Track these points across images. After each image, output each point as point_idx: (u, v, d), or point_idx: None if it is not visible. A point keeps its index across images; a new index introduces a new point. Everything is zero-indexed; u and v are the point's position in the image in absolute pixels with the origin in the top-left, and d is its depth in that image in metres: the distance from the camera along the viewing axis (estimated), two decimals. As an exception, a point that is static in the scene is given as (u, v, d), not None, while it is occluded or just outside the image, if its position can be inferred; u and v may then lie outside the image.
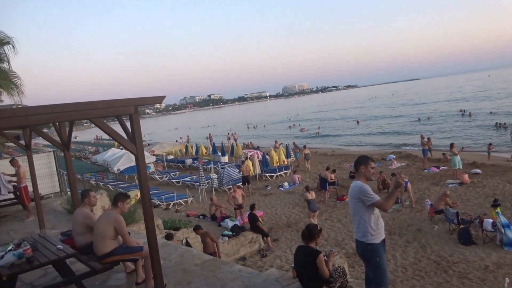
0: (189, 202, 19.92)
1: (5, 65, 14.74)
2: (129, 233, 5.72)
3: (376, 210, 4.33)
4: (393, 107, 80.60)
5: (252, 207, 13.44)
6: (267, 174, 24.05)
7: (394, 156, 24.78)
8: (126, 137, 5.38)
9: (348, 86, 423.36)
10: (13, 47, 14.46)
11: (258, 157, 24.53)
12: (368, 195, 4.20)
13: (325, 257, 5.05)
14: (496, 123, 36.39)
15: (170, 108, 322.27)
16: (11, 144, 26.79)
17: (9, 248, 4.95)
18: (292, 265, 5.45)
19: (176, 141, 48.75)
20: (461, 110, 50.59)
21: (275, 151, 25.66)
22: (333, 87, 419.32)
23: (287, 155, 25.22)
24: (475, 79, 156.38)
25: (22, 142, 9.20)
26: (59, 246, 5.31)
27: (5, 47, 14.37)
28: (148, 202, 5.33)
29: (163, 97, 5.65)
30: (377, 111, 74.31)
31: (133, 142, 5.25)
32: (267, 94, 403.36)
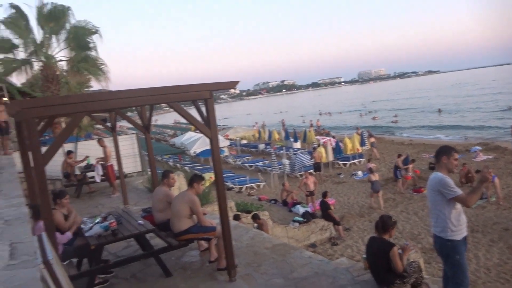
0: (261, 186, 20.20)
1: (93, 53, 15.90)
2: (205, 214, 5.94)
3: (458, 205, 4.03)
4: (479, 95, 74.46)
5: (324, 195, 13.29)
6: (340, 162, 23.59)
7: (480, 148, 22.93)
8: (201, 121, 5.55)
9: (429, 72, 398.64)
10: (100, 36, 15.54)
11: (331, 144, 24.12)
12: (449, 188, 3.92)
13: (400, 251, 4.84)
14: None
15: (244, 94, 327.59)
16: (99, 126, 29.01)
17: (97, 221, 5.39)
18: (364, 256, 5.30)
19: (253, 126, 49.39)
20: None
21: (350, 139, 25.03)
22: (412, 72, 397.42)
23: (362, 143, 24.49)
24: None
25: (109, 124, 9.90)
26: (140, 221, 5.68)
27: (93, 36, 15.47)
28: (222, 184, 5.48)
29: (237, 82, 5.74)
30: (461, 99, 69.20)
31: (208, 125, 5.40)
32: (342, 80, 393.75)
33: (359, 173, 20.48)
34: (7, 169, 7.75)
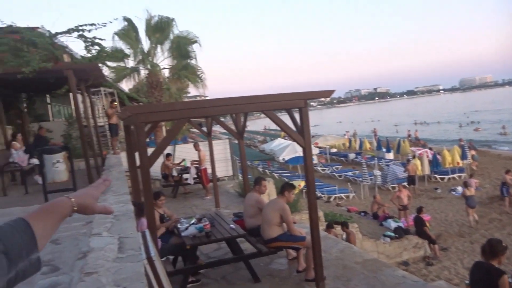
0: (351, 197, 19.65)
1: (193, 61, 16.88)
2: (294, 223, 5.93)
3: None
4: None
5: (419, 210, 12.49)
6: (437, 176, 22.02)
7: None
8: (294, 129, 5.57)
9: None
10: (200, 45, 16.45)
11: (427, 156, 22.64)
12: None
13: (510, 279, 4.34)
14: None
15: (335, 101, 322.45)
16: (194, 130, 30.58)
17: (192, 222, 5.67)
18: (467, 282, 4.87)
19: (344, 134, 48.40)
20: None
21: (449, 151, 23.29)
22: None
23: (463, 156, 22.60)
24: None
25: (204, 129, 10.38)
26: (232, 225, 5.84)
27: (193, 46, 16.43)
28: (313, 194, 5.43)
29: (332, 91, 5.66)
30: None
31: (302, 134, 5.39)
32: (441, 88, 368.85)
33: (459, 188, 18.86)
34: (116, 167, 8.51)
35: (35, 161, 8.24)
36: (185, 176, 11.81)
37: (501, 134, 44.31)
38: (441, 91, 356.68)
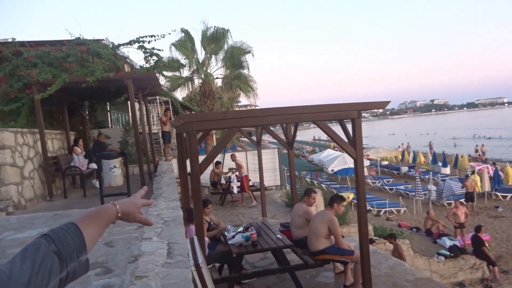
0: (402, 211, 18.92)
1: (245, 71, 17.12)
2: (342, 236, 5.80)
3: None
4: None
5: (478, 229, 11.78)
6: (498, 193, 20.69)
7: None
8: (346, 140, 5.47)
9: None
10: (253, 55, 16.66)
11: (488, 173, 21.35)
12: None
13: None
14: None
15: (388, 113, 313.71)
16: (244, 138, 30.92)
17: (239, 230, 5.71)
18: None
19: (398, 147, 46.92)
20: None
21: None
22: None
23: (530, 174, 21.12)
24: None
25: (254, 138, 10.46)
26: (278, 235, 5.82)
27: (246, 56, 16.67)
28: (364, 207, 5.30)
29: (387, 102, 5.53)
30: None
31: (353, 146, 5.29)
32: (505, 100, 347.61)
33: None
34: (168, 173, 8.78)
35: (93, 165, 8.69)
36: (231, 185, 11.95)
37: None
38: (506, 103, 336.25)
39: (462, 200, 18.26)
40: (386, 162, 35.25)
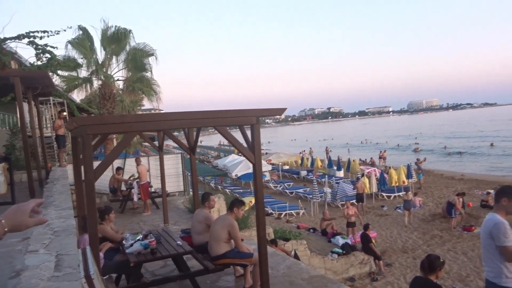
0: (301, 214, 19.94)
1: (148, 74, 16.67)
2: (242, 240, 5.94)
3: None
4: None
5: (366, 227, 12.90)
6: (384, 194, 22.89)
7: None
8: (246, 146, 5.63)
9: (486, 104, 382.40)
10: (156, 58, 16.29)
11: (375, 175, 23.50)
12: (500, 235, 3.66)
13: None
14: None
15: (289, 119, 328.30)
16: (147, 143, 30.01)
17: (138, 238, 5.53)
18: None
19: (300, 153, 49.25)
20: None
21: (396, 170, 24.32)
22: (467, 104, 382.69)
23: (408, 176, 23.67)
24: None
25: (156, 143, 10.23)
26: (178, 242, 5.76)
27: (150, 58, 16.25)
28: (262, 211, 5.47)
29: (284, 109, 5.80)
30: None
31: (252, 151, 5.45)
32: (390, 110, 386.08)
33: (404, 206, 19.75)
34: (61, 180, 8.16)
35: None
36: (132, 191, 11.54)
37: (447, 153, 46.87)
38: (390, 112, 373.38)
39: (353, 201, 19.86)
40: (287, 167, 36.84)
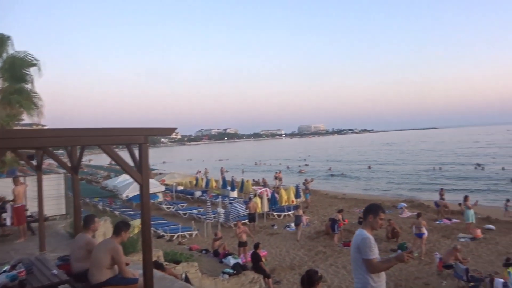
0: (194, 235, 19.68)
1: (29, 85, 15.24)
2: (127, 264, 5.65)
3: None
4: (407, 154, 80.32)
5: (256, 246, 13.20)
6: (274, 213, 23.74)
7: (406, 205, 24.29)
8: (133, 166, 5.43)
9: (364, 130, 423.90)
10: (39, 69, 15.00)
11: (267, 195, 24.32)
12: (367, 249, 4.05)
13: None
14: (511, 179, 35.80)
15: (186, 139, 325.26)
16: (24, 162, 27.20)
17: (4, 269, 4.92)
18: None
19: (197, 173, 48.80)
20: (476, 163, 49.91)
21: (286, 190, 25.47)
22: (349, 130, 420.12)
23: (297, 195, 24.96)
24: (493, 133, 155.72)
25: (34, 162, 9.31)
26: (53, 271, 5.26)
27: (31, 69, 14.91)
28: (148, 234, 5.30)
29: (174, 129, 5.75)
30: (391, 157, 73.98)
31: (140, 171, 5.29)
32: (283, 132, 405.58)
33: (292, 225, 20.68)
34: None
35: None
36: (4, 215, 10.29)
37: (330, 175, 50.49)
38: (283, 135, 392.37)
39: (246, 220, 20.25)
40: (181, 187, 36.26)
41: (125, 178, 30.37)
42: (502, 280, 10.71)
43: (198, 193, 32.06)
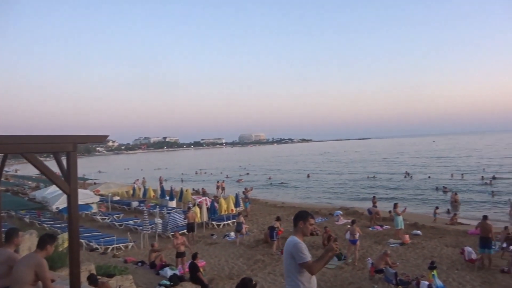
0: (130, 247, 18.99)
1: None
2: (53, 280, 5.33)
3: None
4: (343, 163, 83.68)
5: (194, 256, 13.02)
6: (214, 222, 23.59)
7: (341, 212, 25.21)
8: (61, 175, 5.17)
9: (303, 140, 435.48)
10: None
11: (206, 204, 24.12)
12: (300, 253, 4.16)
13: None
14: (437, 187, 38.42)
15: (123, 148, 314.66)
16: None
17: None
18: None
19: (134, 182, 47.19)
20: (405, 172, 53.06)
21: (225, 199, 25.42)
22: (289, 139, 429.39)
23: (236, 204, 25.02)
24: (421, 144, 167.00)
25: None
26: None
27: None
28: (76, 247, 5.06)
29: (105, 136, 5.56)
30: (328, 166, 76.63)
31: (68, 181, 5.05)
32: (224, 141, 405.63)
33: (232, 234, 20.67)
34: None
35: None
36: None
37: (270, 183, 51.15)
38: (224, 144, 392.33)
39: (184, 230, 19.92)
40: (117, 198, 34.96)
41: (55, 188, 28.67)
42: (427, 283, 11.44)
43: (135, 203, 31.07)
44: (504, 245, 14.93)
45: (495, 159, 68.51)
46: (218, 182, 43.22)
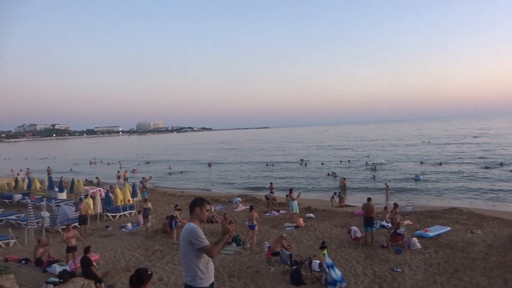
0: (11, 244, 17.21)
1: None
2: None
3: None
4: (242, 151, 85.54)
5: (87, 250, 12.24)
6: (109, 214, 22.45)
7: (240, 199, 25.80)
8: None
9: (203, 129, 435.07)
10: None
11: (100, 195, 22.83)
12: (198, 238, 4.17)
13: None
14: (328, 173, 41.37)
15: (3, 135, 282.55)
16: None
17: None
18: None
19: (16, 174, 42.48)
20: (301, 159, 56.17)
21: (121, 189, 24.31)
22: (189, 128, 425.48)
23: (134, 194, 24.09)
24: (315, 132, 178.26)
25: None
26: None
27: None
28: None
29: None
30: (227, 154, 77.75)
31: None
32: (120, 129, 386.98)
33: (129, 225, 19.91)
34: None
35: None
36: None
37: (168, 175, 50.18)
38: (120, 132, 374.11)
39: (76, 223, 18.67)
40: (-4, 190, 31.39)
41: None
42: (318, 261, 12.27)
43: (18, 196, 28.21)
44: (384, 222, 16.69)
45: (375, 146, 75.87)
46: (118, 171, 41.12)
